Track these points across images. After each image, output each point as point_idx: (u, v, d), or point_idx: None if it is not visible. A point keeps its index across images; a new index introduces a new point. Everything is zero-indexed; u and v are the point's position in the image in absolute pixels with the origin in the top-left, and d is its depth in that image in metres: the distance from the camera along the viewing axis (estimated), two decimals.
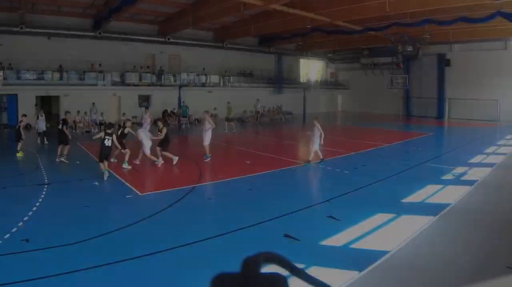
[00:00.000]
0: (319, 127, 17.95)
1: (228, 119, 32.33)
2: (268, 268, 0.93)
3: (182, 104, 37.49)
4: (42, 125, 23.90)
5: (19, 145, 19.98)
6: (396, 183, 14.73)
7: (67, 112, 21.19)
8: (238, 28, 41.70)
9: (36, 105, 32.04)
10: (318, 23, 33.76)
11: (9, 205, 11.31)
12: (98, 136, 15.94)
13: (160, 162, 17.24)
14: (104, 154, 15.11)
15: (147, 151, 17.03)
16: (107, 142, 15.09)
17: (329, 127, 36.63)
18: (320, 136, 17.92)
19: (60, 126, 18.79)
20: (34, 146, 21.32)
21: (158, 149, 17.46)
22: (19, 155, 19.73)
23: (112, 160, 16.96)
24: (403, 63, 47.24)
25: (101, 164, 15.11)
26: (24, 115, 21.77)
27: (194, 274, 7.25)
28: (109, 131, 15.41)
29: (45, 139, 23.74)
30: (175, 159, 17.54)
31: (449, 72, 46.94)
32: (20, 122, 20.68)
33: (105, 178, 14.71)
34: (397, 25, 33.38)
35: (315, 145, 17.97)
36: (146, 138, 17.29)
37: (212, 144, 21.10)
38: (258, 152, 22.15)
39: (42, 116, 23.98)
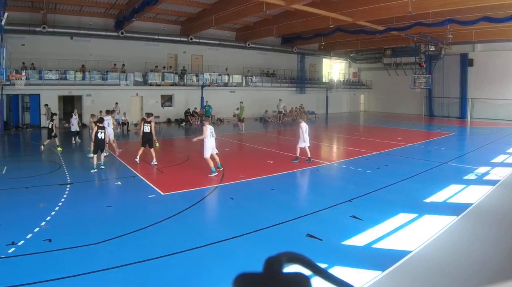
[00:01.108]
0: (303, 127, 18.04)
1: (240, 120, 32.13)
2: (291, 268, 0.94)
3: (205, 104, 37.50)
4: (75, 126, 24.10)
5: (57, 140, 20.89)
6: (418, 183, 14.58)
7: (92, 115, 21.47)
8: (260, 28, 41.72)
9: (46, 105, 32.15)
10: (340, 23, 33.71)
11: (32, 204, 11.32)
12: (94, 131, 16.44)
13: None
14: (100, 146, 16.17)
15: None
16: (100, 135, 16.07)
17: (352, 127, 36.86)
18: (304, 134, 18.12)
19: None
20: (54, 145, 21.46)
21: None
22: (59, 149, 20.57)
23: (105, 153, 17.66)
24: (425, 63, 46.86)
25: (94, 156, 16.02)
26: (55, 113, 22.47)
27: (216, 274, 7.27)
28: (101, 125, 16.33)
29: (77, 138, 24.00)
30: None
31: (471, 72, 46.65)
32: (52, 121, 21.18)
33: (96, 169, 15.84)
34: (419, 25, 33.21)
35: (301, 142, 18.24)
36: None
37: (235, 143, 21.23)
38: (281, 151, 22.06)
39: (75, 115, 24.18)
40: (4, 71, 22.01)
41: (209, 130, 15.56)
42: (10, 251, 7.93)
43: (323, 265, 2.67)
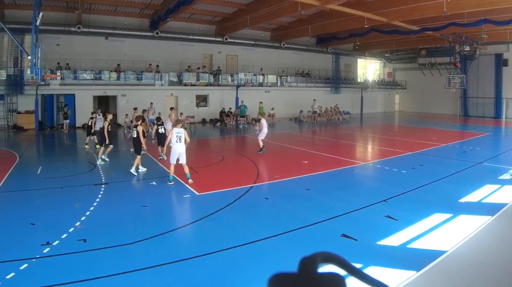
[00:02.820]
0: (264, 122, 20.83)
1: (258, 121, 32.01)
2: (326, 268, 0.94)
3: (240, 104, 37.59)
4: (99, 125, 23.58)
5: (95, 138, 21.35)
6: (453, 183, 14.42)
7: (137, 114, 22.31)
8: (295, 28, 41.60)
9: (65, 105, 32.63)
10: (375, 23, 33.58)
11: (67, 205, 11.36)
12: (155, 128, 17.91)
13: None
14: (161, 140, 18.19)
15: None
16: (161, 130, 17.82)
17: (386, 127, 36.65)
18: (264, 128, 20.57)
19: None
20: (92, 145, 21.75)
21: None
22: (98, 146, 20.61)
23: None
24: (460, 63, 46.64)
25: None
26: (94, 112, 22.91)
27: (251, 274, 7.25)
28: (159, 122, 18.57)
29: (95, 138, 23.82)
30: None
31: (506, 72, 46.06)
32: (91, 119, 21.81)
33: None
34: (454, 25, 32.95)
35: (262, 135, 20.50)
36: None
37: (269, 143, 21.21)
38: (316, 151, 21.97)
39: (99, 115, 23.65)
40: (39, 72, 22.27)
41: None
42: (45, 251, 7.95)
43: (358, 265, 2.69)
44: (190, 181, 13.73)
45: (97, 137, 21.57)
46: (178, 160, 13.87)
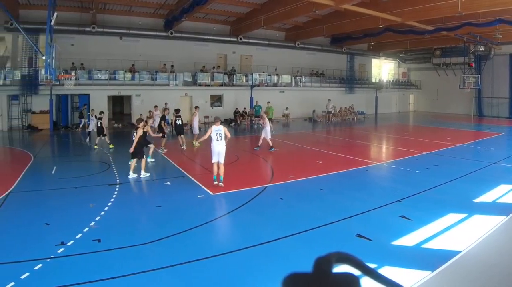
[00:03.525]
0: (266, 120, 21.24)
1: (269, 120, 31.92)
2: (340, 268, 0.95)
3: (255, 104, 37.60)
4: (92, 125, 23.65)
5: (107, 138, 21.47)
6: (468, 183, 14.42)
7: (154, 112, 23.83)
8: (309, 28, 41.64)
9: (84, 105, 32.76)
10: (389, 23, 33.55)
11: (81, 204, 11.40)
12: (173, 119, 20.05)
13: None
14: (179, 131, 20.61)
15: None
16: (179, 122, 19.90)
17: (401, 127, 36.66)
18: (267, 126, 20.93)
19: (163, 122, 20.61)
20: (105, 145, 21.83)
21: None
22: (111, 146, 21.23)
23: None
24: (474, 63, 46.62)
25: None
26: (102, 112, 22.86)
27: (266, 274, 7.24)
28: (177, 114, 20.99)
29: (87, 139, 23.93)
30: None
31: None
32: (100, 119, 21.74)
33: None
34: (468, 25, 32.89)
35: (265, 133, 20.84)
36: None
37: (284, 143, 21.23)
38: (330, 151, 22.01)
39: (92, 117, 23.81)
40: (53, 72, 22.39)
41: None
42: (59, 251, 7.98)
43: (372, 265, 2.65)
44: (221, 184, 13.39)
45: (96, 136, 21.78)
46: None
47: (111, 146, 21.25)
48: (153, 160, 18.17)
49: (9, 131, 30.84)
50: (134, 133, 15.36)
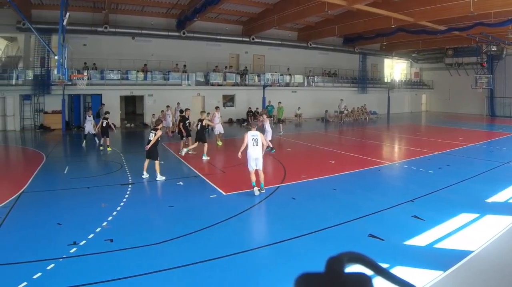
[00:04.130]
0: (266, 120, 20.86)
1: (280, 121, 31.84)
2: (353, 268, 0.94)
3: (267, 104, 37.40)
4: (89, 126, 22.92)
5: (107, 140, 21.19)
6: (480, 183, 14.37)
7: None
8: (322, 28, 41.66)
9: (102, 104, 32.68)
10: (401, 23, 33.53)
11: (93, 204, 11.44)
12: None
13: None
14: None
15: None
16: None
17: (413, 127, 36.73)
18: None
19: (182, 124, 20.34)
20: (118, 145, 21.87)
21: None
22: (109, 149, 20.92)
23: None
24: (487, 63, 46.74)
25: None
26: (107, 112, 22.57)
27: (278, 274, 7.24)
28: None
29: (85, 142, 23.00)
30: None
31: None
32: (105, 119, 21.49)
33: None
34: (481, 25, 32.71)
35: (268, 135, 19.99)
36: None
37: (296, 143, 21.25)
38: (343, 151, 22.01)
39: (89, 117, 23.14)
40: (66, 72, 22.42)
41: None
42: (72, 251, 8.00)
43: (384, 265, 2.60)
44: (262, 191, 12.85)
45: (85, 141, 21.67)
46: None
47: (109, 149, 21.06)
48: (208, 157, 18.73)
49: (21, 131, 31.02)
50: (153, 134, 15.04)
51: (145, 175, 14.99)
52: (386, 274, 0.95)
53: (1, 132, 30.32)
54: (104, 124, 21.30)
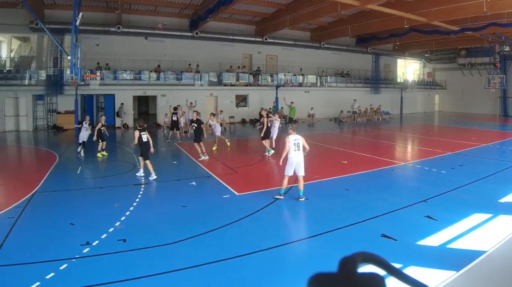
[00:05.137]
0: (266, 120, 20.56)
1: (291, 121, 31.76)
2: (365, 268, 0.97)
3: (273, 105, 37.44)
4: (84, 134, 20.63)
5: (103, 144, 20.30)
6: (493, 183, 14.34)
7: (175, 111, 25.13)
8: (335, 28, 41.62)
9: (121, 104, 33.08)
10: (414, 23, 33.50)
11: (106, 205, 11.48)
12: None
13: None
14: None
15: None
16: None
17: (426, 127, 36.83)
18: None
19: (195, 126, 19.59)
20: (130, 146, 21.88)
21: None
22: (104, 154, 20.15)
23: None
24: (500, 63, 46.68)
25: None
26: (103, 115, 22.56)
27: (291, 274, 7.28)
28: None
29: (82, 151, 20.65)
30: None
31: None
32: (101, 122, 20.62)
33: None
34: (494, 25, 32.61)
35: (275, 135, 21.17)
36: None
37: (308, 143, 21.09)
38: (355, 151, 22.02)
39: (86, 124, 20.87)
40: (78, 72, 22.47)
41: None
42: (85, 251, 8.04)
43: (397, 265, 2.56)
44: (301, 199, 12.17)
45: (81, 148, 20.36)
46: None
47: (104, 153, 20.19)
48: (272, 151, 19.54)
49: (34, 132, 31.17)
50: (145, 135, 15.04)
51: (153, 175, 14.87)
52: (398, 274, 0.98)
53: (14, 132, 30.56)
54: (103, 131, 20.25)
